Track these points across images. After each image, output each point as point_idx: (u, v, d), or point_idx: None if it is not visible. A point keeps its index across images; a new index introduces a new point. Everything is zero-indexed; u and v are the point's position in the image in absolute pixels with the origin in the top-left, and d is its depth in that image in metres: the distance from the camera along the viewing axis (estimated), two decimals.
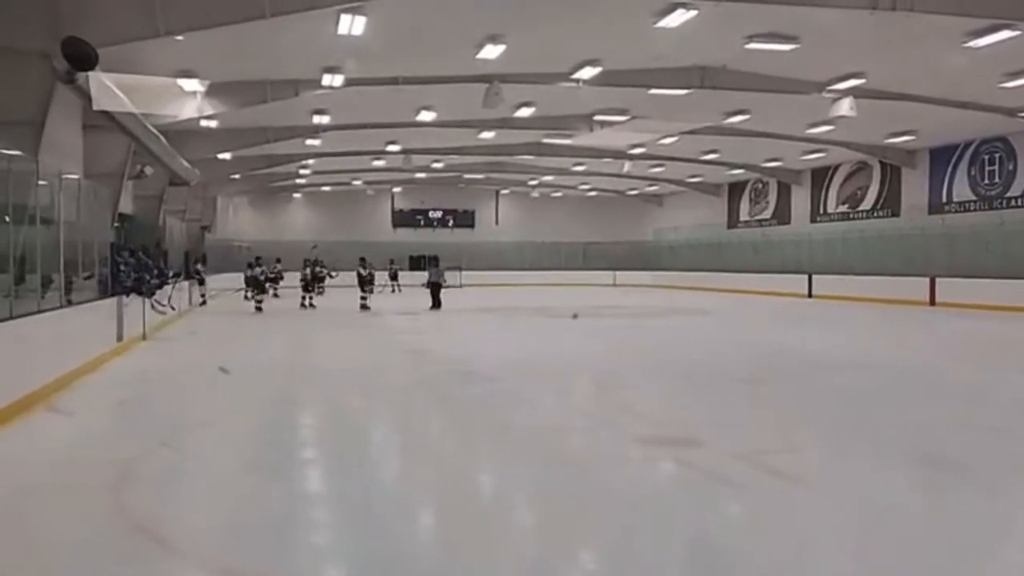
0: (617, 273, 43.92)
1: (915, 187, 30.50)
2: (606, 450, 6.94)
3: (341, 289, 29.23)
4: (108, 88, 13.88)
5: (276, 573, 4.20)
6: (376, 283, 25.67)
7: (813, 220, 36.27)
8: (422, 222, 48.35)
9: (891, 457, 6.54)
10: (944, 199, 29.15)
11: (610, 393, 10.08)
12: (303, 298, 25.22)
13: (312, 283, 26.21)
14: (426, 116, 24.41)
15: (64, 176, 11.18)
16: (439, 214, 48.55)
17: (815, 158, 32.97)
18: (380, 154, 32.63)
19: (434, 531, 5.10)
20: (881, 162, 31.91)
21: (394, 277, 35.07)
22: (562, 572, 4.39)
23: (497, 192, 48.56)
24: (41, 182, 10.17)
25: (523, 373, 11.39)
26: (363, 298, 24.46)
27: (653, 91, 20.77)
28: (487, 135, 28.22)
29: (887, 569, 4.28)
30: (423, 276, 28.08)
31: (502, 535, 4.87)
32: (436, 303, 24.36)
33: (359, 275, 24.68)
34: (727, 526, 5.09)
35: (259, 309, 23.33)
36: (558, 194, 48.56)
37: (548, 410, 9.01)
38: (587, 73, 19.03)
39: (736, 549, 4.59)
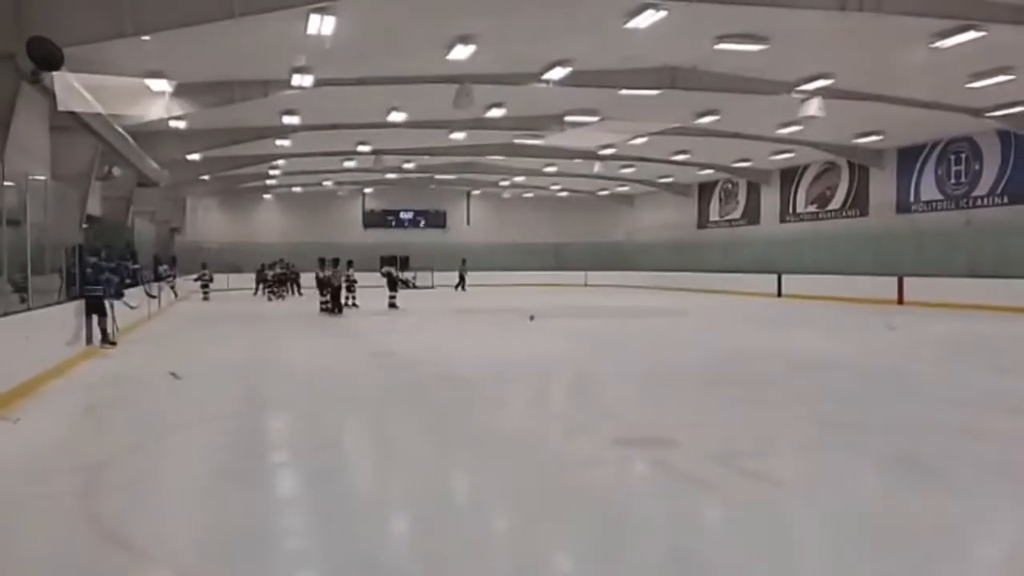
0: (589, 273, 44.13)
1: (883, 187, 30.90)
2: (581, 452, 6.94)
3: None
4: (75, 88, 13.70)
5: None
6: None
7: (783, 220, 36.62)
8: (393, 223, 48.21)
9: (865, 458, 6.58)
10: (912, 198, 29.56)
11: (583, 395, 10.12)
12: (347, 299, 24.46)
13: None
14: (397, 117, 24.36)
15: (31, 178, 10.99)
16: (410, 215, 48.45)
17: (784, 158, 33.30)
18: (351, 155, 32.48)
19: (408, 535, 5.08)
20: (849, 162, 32.30)
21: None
22: (538, 573, 4.38)
23: (468, 193, 48.52)
24: (7, 183, 9.99)
25: (496, 375, 11.38)
26: (392, 297, 25.37)
27: (623, 92, 20.87)
28: (458, 136, 28.20)
29: (862, 571, 4.32)
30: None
31: (478, 539, 4.86)
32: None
33: (390, 276, 26.14)
34: (702, 528, 5.11)
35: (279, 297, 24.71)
36: (529, 195, 48.63)
37: (522, 412, 9.03)
38: (557, 74, 19.08)
39: (711, 551, 4.62)
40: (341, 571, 4.30)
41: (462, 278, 39.56)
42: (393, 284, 25.98)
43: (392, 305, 25.03)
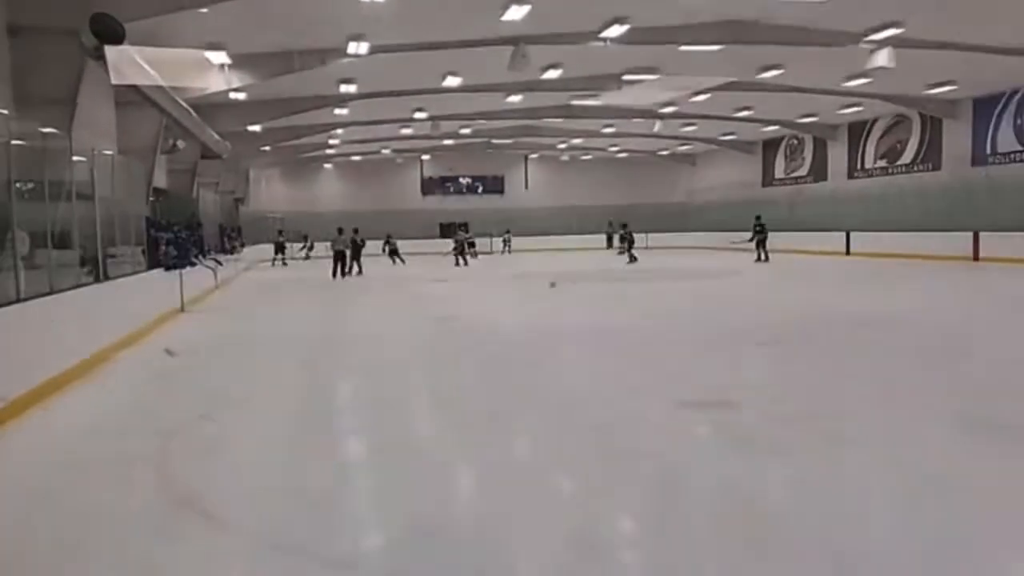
0: (649, 235, 43.55)
1: (957, 139, 29.69)
2: (643, 415, 6.84)
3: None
4: (136, 63, 13.93)
5: (321, 545, 4.21)
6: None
7: (851, 176, 35.57)
8: (451, 189, 48.30)
9: (937, 419, 6.39)
10: (988, 150, 28.33)
11: (644, 358, 9.99)
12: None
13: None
14: (452, 82, 24.24)
15: (98, 152, 11.25)
16: (468, 180, 48.45)
17: (852, 112, 32.25)
18: (408, 122, 32.53)
19: (476, 498, 5.09)
20: (921, 114, 31.12)
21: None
22: (602, 535, 4.34)
23: (526, 157, 48.27)
24: (76, 158, 10.24)
25: (554, 339, 11.36)
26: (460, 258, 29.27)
27: (683, 48, 20.36)
28: (514, 99, 27.97)
29: (936, 532, 4.19)
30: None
31: (541, 500, 4.84)
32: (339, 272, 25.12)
33: (459, 243, 30.37)
34: (768, 490, 4.99)
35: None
36: (588, 157, 48.15)
37: (582, 376, 8.97)
38: (615, 31, 18.70)
39: (777, 513, 4.53)
40: (410, 531, 4.32)
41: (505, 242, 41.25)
42: (462, 250, 29.59)
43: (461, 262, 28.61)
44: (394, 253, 31.91)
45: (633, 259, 28.97)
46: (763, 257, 28.15)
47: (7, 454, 5.96)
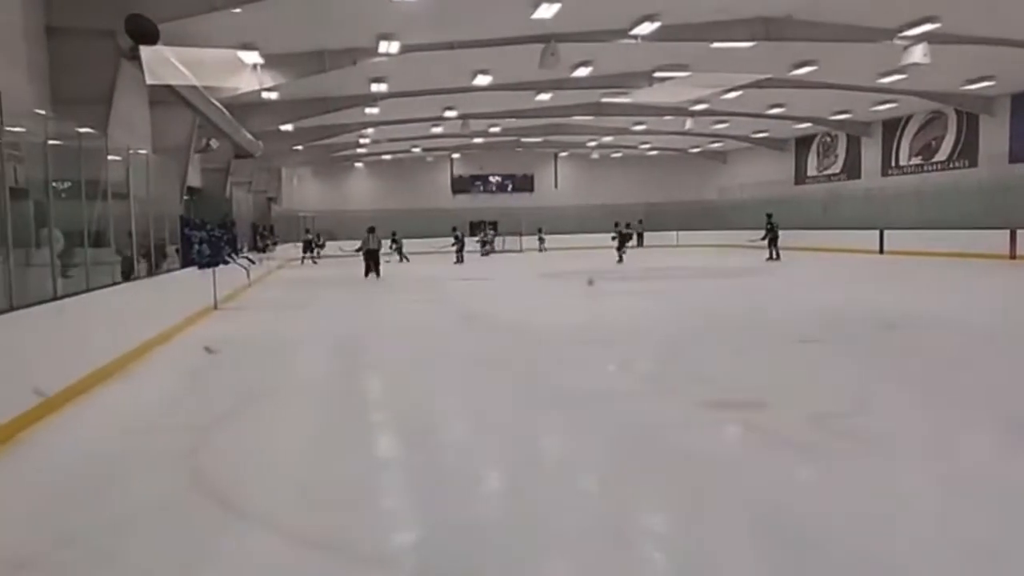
0: (680, 233, 43.31)
1: (994, 135, 29.20)
2: (670, 414, 6.80)
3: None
4: (170, 63, 14.11)
5: (350, 539, 4.23)
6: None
7: (885, 173, 35.10)
8: (481, 187, 48.36)
9: (973, 421, 6.28)
10: None
11: (673, 356, 9.94)
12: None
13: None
14: (482, 80, 24.26)
15: (133, 151, 11.41)
16: (498, 179, 48.49)
17: (886, 109, 31.82)
18: (438, 120, 32.62)
19: (504, 496, 5.09)
20: (957, 110, 30.63)
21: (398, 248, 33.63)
22: (630, 533, 4.33)
23: (556, 155, 48.18)
24: (112, 158, 10.39)
25: (582, 338, 11.32)
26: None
27: (715, 45, 20.19)
28: (544, 97, 27.92)
29: (966, 536, 4.11)
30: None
31: (569, 497, 4.83)
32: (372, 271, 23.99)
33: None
34: (798, 490, 4.94)
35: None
36: (618, 155, 47.95)
37: (609, 375, 8.94)
38: (646, 29, 18.59)
39: (805, 514, 4.45)
40: (440, 527, 4.34)
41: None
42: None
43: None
44: (399, 251, 32.14)
45: (620, 259, 29.10)
46: (774, 255, 27.87)
47: (48, 448, 6.06)
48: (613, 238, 30.29)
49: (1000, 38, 20.07)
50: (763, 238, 28.76)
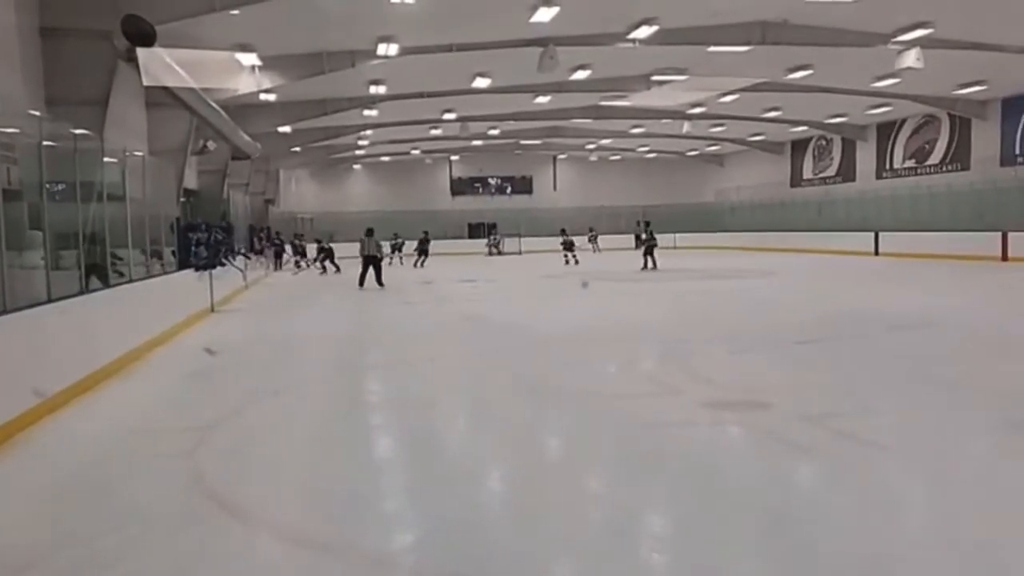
0: (678, 235, 43.32)
1: (986, 139, 29.34)
2: (672, 414, 6.82)
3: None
4: (167, 64, 14.13)
5: (349, 539, 4.27)
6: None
7: (879, 176, 35.23)
8: (480, 189, 48.40)
9: (969, 421, 6.31)
10: (1018, 150, 27.96)
11: (674, 357, 9.97)
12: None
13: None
14: (481, 83, 24.31)
15: (129, 153, 11.43)
16: (497, 181, 48.53)
17: (880, 112, 31.94)
18: (437, 122, 32.67)
19: (503, 496, 5.13)
20: (950, 114, 30.77)
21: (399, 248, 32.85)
22: (631, 535, 4.35)
23: (554, 157, 48.25)
24: (108, 159, 10.41)
25: (583, 339, 11.35)
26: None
27: (712, 49, 20.28)
28: (543, 100, 27.99)
29: (966, 536, 4.15)
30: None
31: (571, 497, 4.88)
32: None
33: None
34: (799, 490, 5.00)
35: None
36: (616, 157, 48.03)
37: (612, 375, 8.99)
38: (644, 32, 18.68)
39: (806, 514, 4.50)
40: (438, 528, 4.36)
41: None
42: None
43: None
44: (397, 250, 32.20)
45: (576, 261, 29.19)
46: (650, 265, 25.18)
47: (47, 448, 6.09)
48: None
49: (992, 44, 20.19)
50: (640, 246, 26.70)
